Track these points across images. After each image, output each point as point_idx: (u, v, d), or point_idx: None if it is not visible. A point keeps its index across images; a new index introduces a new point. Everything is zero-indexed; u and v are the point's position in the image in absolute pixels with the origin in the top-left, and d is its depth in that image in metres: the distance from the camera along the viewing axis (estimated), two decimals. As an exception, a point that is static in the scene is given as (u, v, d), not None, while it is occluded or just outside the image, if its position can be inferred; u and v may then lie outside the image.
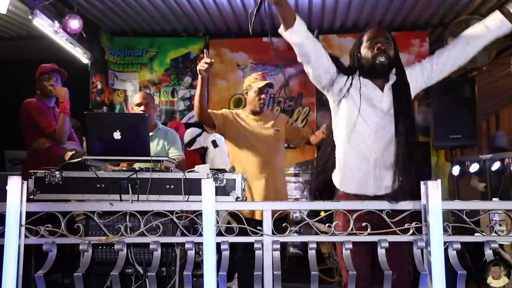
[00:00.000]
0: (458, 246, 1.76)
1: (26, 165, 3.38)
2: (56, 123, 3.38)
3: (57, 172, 2.26)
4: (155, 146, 3.15)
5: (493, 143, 5.21)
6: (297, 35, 2.11)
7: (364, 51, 2.18)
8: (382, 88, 2.19)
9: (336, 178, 2.30)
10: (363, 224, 1.86)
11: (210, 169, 2.29)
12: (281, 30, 2.13)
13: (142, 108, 3.18)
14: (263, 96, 3.19)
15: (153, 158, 2.36)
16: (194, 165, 2.38)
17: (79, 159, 2.36)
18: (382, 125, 2.17)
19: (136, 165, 2.60)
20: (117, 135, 2.32)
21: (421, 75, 2.23)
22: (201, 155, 4.88)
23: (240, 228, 1.91)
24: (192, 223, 1.98)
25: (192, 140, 4.74)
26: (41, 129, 3.33)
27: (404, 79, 2.21)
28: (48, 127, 3.34)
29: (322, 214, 2.09)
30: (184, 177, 2.21)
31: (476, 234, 1.85)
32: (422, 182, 1.78)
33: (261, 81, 3.20)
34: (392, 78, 2.21)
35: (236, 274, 3.57)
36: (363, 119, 2.18)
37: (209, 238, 1.68)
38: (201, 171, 2.28)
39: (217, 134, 4.50)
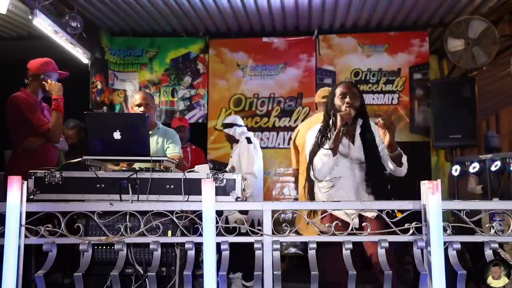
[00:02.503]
0: (458, 246, 1.76)
1: (14, 164, 3.18)
2: (45, 119, 3.23)
3: (57, 172, 2.26)
4: (154, 144, 3.15)
5: (485, 143, 5.21)
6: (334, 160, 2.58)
7: (337, 102, 2.65)
8: (353, 139, 2.65)
9: None
10: (363, 224, 1.86)
11: (210, 169, 2.29)
12: (328, 151, 2.54)
13: (142, 108, 3.18)
14: None
15: (153, 158, 2.36)
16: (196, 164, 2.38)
17: (80, 160, 2.36)
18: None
19: (136, 165, 2.60)
20: (117, 135, 2.32)
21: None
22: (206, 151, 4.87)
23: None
24: (192, 223, 1.98)
25: (231, 124, 4.58)
26: (33, 127, 3.15)
27: (368, 121, 2.68)
28: (41, 125, 3.17)
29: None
30: (184, 177, 2.21)
31: (476, 234, 1.85)
32: (422, 182, 1.78)
33: None
34: (358, 128, 2.65)
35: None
36: (342, 172, 2.59)
37: (209, 238, 1.68)
38: (201, 171, 2.28)
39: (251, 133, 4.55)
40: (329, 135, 2.62)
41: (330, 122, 2.65)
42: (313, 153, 2.62)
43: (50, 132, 3.19)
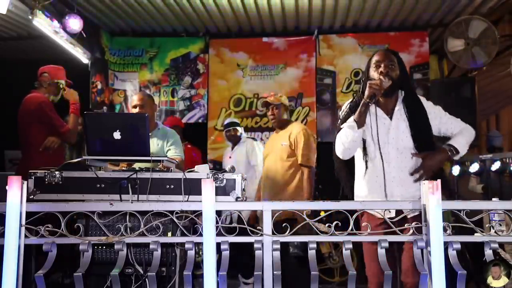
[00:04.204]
0: (458, 246, 1.76)
1: (32, 163, 3.09)
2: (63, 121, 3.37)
3: (57, 172, 2.26)
4: (154, 146, 3.14)
5: (488, 143, 5.21)
6: (361, 135, 2.25)
7: (371, 73, 2.30)
8: (391, 115, 2.29)
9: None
10: (363, 224, 1.86)
11: (210, 169, 2.29)
12: (352, 126, 2.23)
13: (137, 109, 3.19)
14: (268, 112, 3.65)
15: (153, 158, 2.35)
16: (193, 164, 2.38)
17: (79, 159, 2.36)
18: (393, 157, 2.26)
19: (136, 165, 2.60)
20: (117, 135, 2.32)
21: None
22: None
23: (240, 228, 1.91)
24: (192, 223, 1.98)
25: (235, 123, 4.69)
26: (53, 127, 3.28)
27: (413, 94, 2.34)
28: (63, 126, 3.31)
29: (322, 213, 2.09)
30: (184, 177, 2.21)
31: (476, 234, 1.85)
32: (422, 182, 1.78)
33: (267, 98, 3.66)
34: (400, 104, 2.31)
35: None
36: (374, 154, 2.28)
37: (209, 238, 1.68)
38: (201, 171, 2.28)
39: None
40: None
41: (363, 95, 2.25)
42: (338, 130, 2.30)
43: (70, 133, 3.34)
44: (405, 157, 2.26)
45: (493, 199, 2.66)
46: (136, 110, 3.19)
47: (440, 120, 2.35)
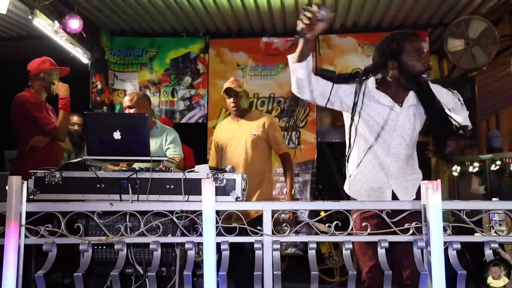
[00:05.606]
0: (458, 246, 1.76)
1: (21, 163, 3.21)
2: (51, 119, 3.31)
3: (57, 172, 2.26)
4: (153, 145, 3.14)
5: (488, 143, 5.22)
6: (304, 70, 2.15)
7: (410, 62, 2.19)
8: (401, 101, 2.26)
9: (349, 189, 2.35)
10: (363, 224, 1.86)
11: (210, 168, 2.29)
12: (291, 58, 2.14)
13: (127, 111, 3.19)
14: (229, 100, 3.37)
15: (153, 158, 2.35)
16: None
17: (79, 159, 2.36)
18: (397, 143, 2.30)
19: (136, 165, 2.60)
20: (117, 135, 2.32)
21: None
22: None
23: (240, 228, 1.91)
24: (192, 223, 1.98)
25: None
26: (40, 126, 3.22)
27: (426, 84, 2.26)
28: (48, 124, 3.24)
29: (322, 214, 2.09)
30: (184, 177, 2.21)
31: (476, 234, 1.85)
32: (422, 182, 1.78)
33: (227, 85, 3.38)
34: (411, 94, 2.27)
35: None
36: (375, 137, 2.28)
37: (209, 238, 1.68)
38: (201, 171, 2.28)
39: None
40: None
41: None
42: None
43: (57, 130, 3.26)
44: (407, 144, 2.35)
45: (493, 199, 2.66)
46: (127, 112, 3.19)
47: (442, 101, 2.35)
